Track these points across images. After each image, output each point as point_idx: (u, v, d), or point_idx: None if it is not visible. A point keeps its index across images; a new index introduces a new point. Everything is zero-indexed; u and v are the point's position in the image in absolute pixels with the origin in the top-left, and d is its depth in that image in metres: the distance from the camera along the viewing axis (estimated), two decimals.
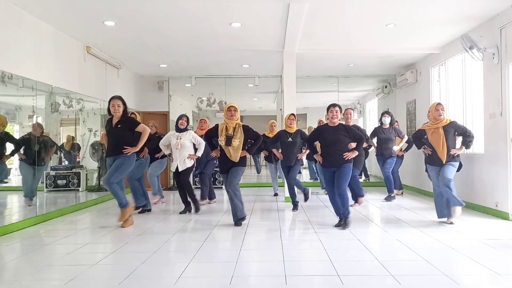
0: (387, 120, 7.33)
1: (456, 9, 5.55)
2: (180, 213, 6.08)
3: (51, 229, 5.19)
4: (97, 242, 4.44)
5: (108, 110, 5.09)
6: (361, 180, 9.92)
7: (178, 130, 6.20)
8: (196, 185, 8.59)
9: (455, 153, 5.03)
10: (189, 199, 6.18)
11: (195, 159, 6.23)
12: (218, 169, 9.54)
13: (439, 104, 5.13)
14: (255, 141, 5.29)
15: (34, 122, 6.60)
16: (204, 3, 5.29)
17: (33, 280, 3.24)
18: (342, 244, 4.33)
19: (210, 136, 5.34)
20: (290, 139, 6.17)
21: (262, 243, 4.40)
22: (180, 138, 6.10)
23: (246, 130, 5.18)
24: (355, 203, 6.62)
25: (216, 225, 5.24)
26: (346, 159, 4.89)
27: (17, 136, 6.00)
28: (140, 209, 6.09)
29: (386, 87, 10.16)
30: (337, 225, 5.00)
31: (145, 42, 6.98)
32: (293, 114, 6.35)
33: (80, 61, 6.97)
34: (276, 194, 8.11)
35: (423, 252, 3.85)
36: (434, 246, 4.15)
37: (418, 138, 5.38)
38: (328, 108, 5.04)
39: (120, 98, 5.11)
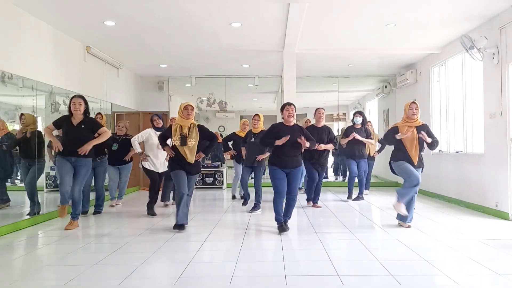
0: (358, 120, 7.27)
1: (456, 9, 5.55)
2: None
3: (51, 229, 5.19)
4: (97, 242, 4.44)
5: (69, 108, 4.95)
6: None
7: (157, 129, 6.11)
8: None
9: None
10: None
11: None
12: (216, 169, 9.62)
13: (413, 102, 5.02)
14: (210, 142, 4.97)
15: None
16: (204, 3, 5.29)
17: (33, 280, 3.24)
18: (342, 244, 4.33)
19: (166, 136, 4.95)
20: (252, 139, 6.19)
21: (262, 243, 4.39)
22: None
23: (202, 130, 4.90)
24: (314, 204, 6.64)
25: (216, 225, 5.24)
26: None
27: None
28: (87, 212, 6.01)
29: (386, 87, 10.16)
30: (282, 230, 4.72)
31: (145, 42, 6.98)
32: (257, 115, 6.34)
33: (80, 61, 6.97)
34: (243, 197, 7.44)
35: (423, 252, 3.85)
36: (434, 246, 4.15)
37: (393, 135, 5.03)
38: (283, 107, 4.85)
39: (82, 97, 5.01)
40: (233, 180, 7.83)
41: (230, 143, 7.52)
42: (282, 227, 4.74)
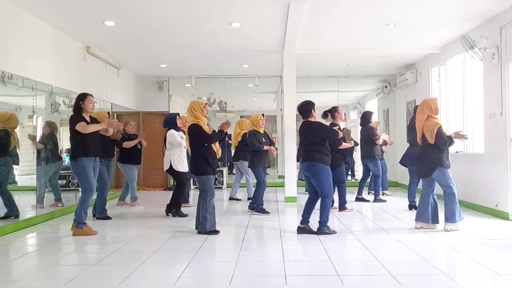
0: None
1: (456, 9, 5.55)
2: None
3: (51, 229, 5.19)
4: (97, 242, 4.44)
5: (79, 107, 4.76)
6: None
7: (178, 129, 6.12)
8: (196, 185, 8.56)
9: None
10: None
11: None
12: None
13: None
14: None
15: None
16: (204, 3, 5.29)
17: (33, 280, 3.24)
18: (342, 244, 4.33)
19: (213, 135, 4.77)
20: (264, 140, 6.10)
21: (262, 243, 4.40)
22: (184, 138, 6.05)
23: None
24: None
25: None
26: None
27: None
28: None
29: (386, 87, 10.15)
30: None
31: (145, 42, 6.98)
32: (263, 115, 6.28)
33: (80, 61, 6.97)
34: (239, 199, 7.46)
35: (423, 252, 3.85)
36: (434, 246, 4.15)
37: (450, 136, 4.75)
38: (312, 106, 4.98)
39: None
40: (245, 183, 7.48)
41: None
42: (329, 228, 4.66)
